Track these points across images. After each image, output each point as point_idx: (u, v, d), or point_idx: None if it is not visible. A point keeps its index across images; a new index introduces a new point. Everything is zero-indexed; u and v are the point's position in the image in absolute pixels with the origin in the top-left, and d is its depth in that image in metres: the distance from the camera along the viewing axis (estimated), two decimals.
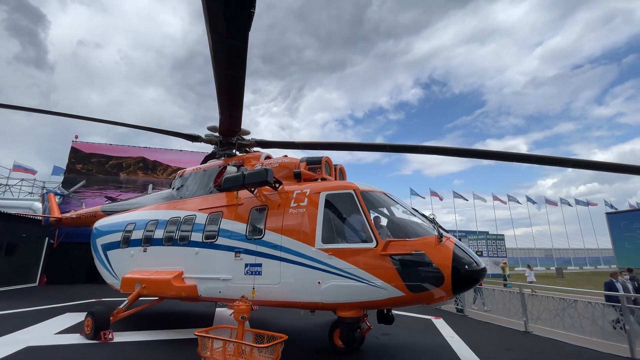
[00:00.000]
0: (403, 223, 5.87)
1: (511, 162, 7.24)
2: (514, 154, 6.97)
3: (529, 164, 7.29)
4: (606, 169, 6.27)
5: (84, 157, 20.87)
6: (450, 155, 8.39)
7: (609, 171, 6.42)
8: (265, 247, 6.51)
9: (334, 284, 5.59)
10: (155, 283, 7.77)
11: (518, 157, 7.00)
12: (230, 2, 3.53)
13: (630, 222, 35.75)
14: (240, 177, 6.90)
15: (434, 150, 7.91)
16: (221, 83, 5.73)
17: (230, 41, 4.38)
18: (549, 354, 6.49)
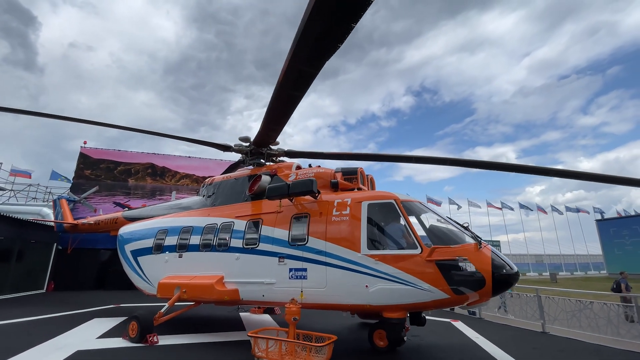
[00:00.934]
0: (443, 230, 6.36)
1: (500, 171, 7.82)
2: (503, 164, 7.61)
3: (516, 173, 7.87)
4: (589, 178, 6.91)
5: (93, 162, 20.92)
6: (455, 165, 8.93)
7: (592, 180, 7.03)
8: (310, 253, 6.93)
9: (382, 287, 6.05)
10: (197, 288, 8.07)
11: (507, 167, 7.60)
12: (322, 35, 4.00)
13: (619, 229, 37.30)
14: (285, 187, 7.34)
15: (455, 162, 8.58)
16: (278, 100, 6.17)
17: (307, 68, 4.85)
18: (570, 351, 7.03)
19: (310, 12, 3.52)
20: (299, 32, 3.93)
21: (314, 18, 3.63)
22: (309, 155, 10.12)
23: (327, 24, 3.76)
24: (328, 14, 3.57)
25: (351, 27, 3.81)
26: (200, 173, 22.96)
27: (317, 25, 3.77)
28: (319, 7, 3.47)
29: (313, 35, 3.99)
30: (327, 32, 3.91)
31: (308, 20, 3.67)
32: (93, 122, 9.43)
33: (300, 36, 4.00)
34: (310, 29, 3.85)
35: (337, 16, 3.63)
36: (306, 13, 3.58)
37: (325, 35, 3.99)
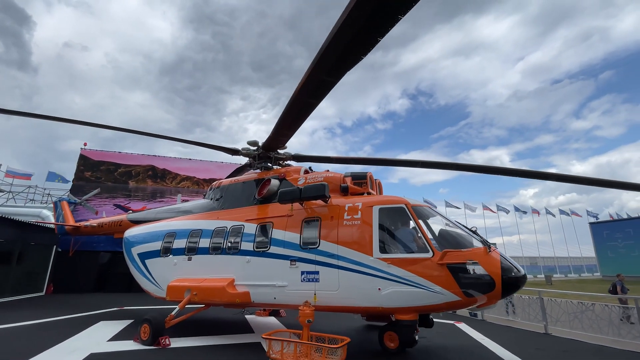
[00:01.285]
0: (453, 235, 6.54)
1: (494, 174, 8.07)
2: (497, 168, 7.86)
3: (510, 176, 8.10)
4: (581, 182, 7.20)
5: (93, 164, 20.82)
6: (456, 170, 9.16)
7: (584, 184, 7.31)
8: (322, 256, 7.06)
9: (395, 290, 6.21)
10: (208, 290, 8.15)
11: (501, 171, 7.84)
12: (348, 47, 4.15)
13: (612, 232, 37.99)
14: (297, 191, 7.48)
15: (457, 167, 8.80)
16: (294, 106, 6.31)
17: (327, 78, 5.01)
18: (573, 351, 7.25)
19: (341, 25, 3.68)
20: (326, 43, 4.08)
21: (344, 30, 3.78)
22: (316, 159, 10.22)
23: (356, 37, 3.92)
24: (358, 27, 3.73)
25: (377, 41, 3.97)
26: (201, 175, 22.97)
27: (345, 37, 3.93)
28: (351, 21, 3.63)
29: (340, 47, 4.14)
30: (354, 44, 4.07)
31: (337, 32, 3.82)
32: (96, 124, 9.33)
33: (327, 47, 4.15)
34: (338, 41, 4.00)
35: (366, 30, 3.79)
36: (336, 25, 3.74)
37: (352, 47, 4.15)
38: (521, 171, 7.98)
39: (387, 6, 3.43)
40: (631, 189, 6.78)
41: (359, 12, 3.49)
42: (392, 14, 3.54)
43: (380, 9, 3.43)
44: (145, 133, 9.76)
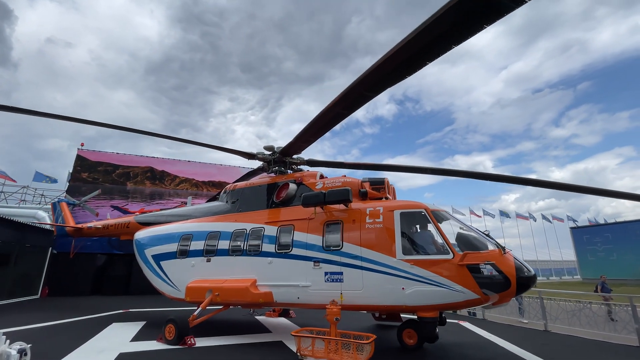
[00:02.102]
0: (470, 237, 7.02)
1: (478, 179, 8.72)
2: (482, 174, 8.53)
3: (493, 181, 8.79)
4: (560, 188, 7.93)
5: (90, 165, 20.48)
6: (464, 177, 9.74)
7: (563, 190, 8.03)
8: (345, 258, 7.43)
9: (418, 289, 6.63)
10: (230, 291, 8.36)
11: (485, 176, 8.48)
12: (396, 69, 4.57)
13: (592, 237, 39.87)
14: (321, 195, 7.83)
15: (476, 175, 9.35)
16: (326, 115, 6.67)
17: (367, 93, 5.41)
18: (575, 346, 7.86)
19: (397, 50, 4.09)
20: (377, 65, 4.48)
21: (398, 54, 4.20)
22: (329, 164, 10.62)
23: (406, 61, 4.34)
24: (411, 52, 4.16)
25: (425, 64, 4.41)
26: (200, 178, 22.93)
27: (396, 60, 4.35)
28: (405, 47, 4.05)
29: (389, 68, 4.55)
30: (402, 66, 4.50)
31: (391, 56, 4.24)
32: (105, 124, 9.34)
33: (376, 68, 4.56)
34: (388, 63, 4.42)
35: (419, 55, 4.23)
36: (392, 50, 4.15)
37: (399, 69, 4.57)
38: (504, 177, 8.63)
39: (442, 36, 3.87)
40: (606, 195, 7.51)
41: (417, 39, 3.92)
42: (443, 44, 3.98)
43: (437, 38, 3.87)
44: (156, 134, 9.77)
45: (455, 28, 3.82)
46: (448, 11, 3.54)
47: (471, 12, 3.62)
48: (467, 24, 3.80)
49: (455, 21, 3.70)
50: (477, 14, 3.65)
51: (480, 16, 3.71)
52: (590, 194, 7.77)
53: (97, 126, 9.29)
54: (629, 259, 34.58)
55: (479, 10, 3.60)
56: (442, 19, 3.64)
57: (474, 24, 3.80)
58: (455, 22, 3.72)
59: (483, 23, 3.78)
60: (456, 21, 3.71)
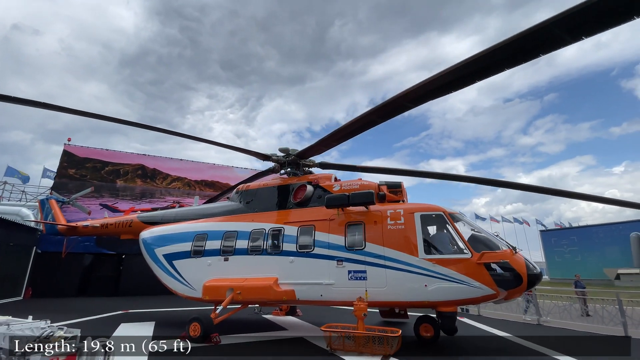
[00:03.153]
0: (484, 238, 7.64)
1: (451, 181, 9.68)
2: (454, 175, 9.46)
3: (466, 183, 9.79)
4: (528, 189, 9.10)
5: (78, 161, 19.65)
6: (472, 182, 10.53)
7: (531, 191, 9.19)
8: (369, 257, 7.85)
9: (440, 286, 7.16)
10: (253, 289, 8.53)
11: (457, 177, 9.39)
12: (448, 86, 5.05)
13: (559, 239, 42.73)
14: (345, 197, 8.21)
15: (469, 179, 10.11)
16: (359, 122, 7.06)
17: (409, 104, 5.84)
18: (569, 337, 8.71)
19: (451, 70, 4.57)
20: (429, 80, 4.94)
21: (450, 74, 4.69)
22: (341, 167, 10.98)
23: (454, 80, 4.84)
24: (459, 74, 4.67)
25: (475, 82, 4.91)
26: (193, 176, 22.54)
27: (447, 78, 4.83)
28: (460, 68, 4.54)
29: (438, 84, 5.03)
30: (451, 84, 4.99)
31: (442, 76, 4.71)
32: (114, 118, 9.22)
33: (427, 83, 5.01)
34: (439, 80, 4.89)
35: (466, 77, 4.74)
36: (443, 72, 4.63)
37: (447, 86, 5.06)
38: (478, 179, 9.68)
39: (494, 64, 4.41)
40: (571, 197, 8.65)
41: (473, 63, 4.42)
42: (491, 71, 4.51)
43: (491, 65, 4.39)
44: (162, 130, 9.66)
45: (510, 59, 4.36)
46: (511, 44, 4.08)
47: (529, 47, 4.17)
48: (521, 58, 4.37)
49: (512, 54, 4.25)
50: (530, 49, 4.22)
51: (530, 51, 4.27)
52: (555, 195, 8.99)
53: (89, 117, 8.95)
54: (592, 260, 37.39)
55: (532, 46, 4.16)
56: (503, 50, 4.17)
57: (526, 57, 4.38)
58: (512, 55, 4.28)
59: (532, 57, 4.36)
60: (513, 54, 4.26)
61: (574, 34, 3.90)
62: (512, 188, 9.99)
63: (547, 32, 3.90)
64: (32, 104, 7.84)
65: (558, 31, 3.81)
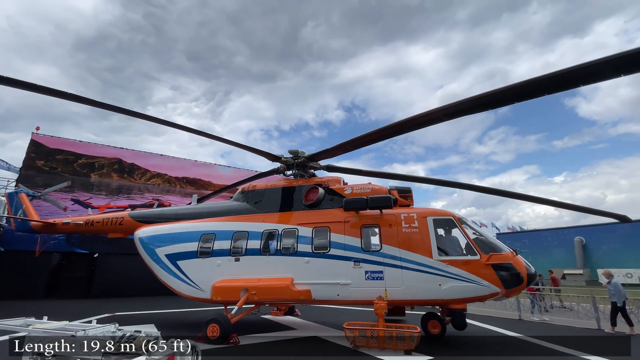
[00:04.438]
0: (489, 241, 8.38)
1: (414, 182, 10.77)
2: (416, 177, 10.56)
3: (428, 184, 11.02)
4: (484, 191, 10.60)
5: (48, 152, 18.01)
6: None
7: (487, 193, 10.59)
8: (385, 258, 8.28)
9: (452, 285, 7.77)
10: (269, 289, 8.59)
11: (419, 180, 10.49)
12: (487, 104, 5.61)
13: (512, 242, 46.47)
14: (364, 201, 8.58)
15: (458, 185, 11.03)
16: (386, 130, 7.50)
17: (444, 117, 6.34)
18: (550, 329, 9.78)
19: (495, 93, 5.15)
20: (472, 99, 5.48)
21: (491, 96, 5.28)
22: (348, 171, 11.34)
23: (494, 101, 5.45)
24: (500, 97, 5.27)
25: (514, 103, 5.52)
26: (173, 173, 21.59)
27: (488, 99, 5.43)
28: (504, 92, 5.14)
29: (478, 103, 5.60)
30: (487, 104, 5.57)
31: (484, 96, 5.28)
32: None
33: (468, 101, 5.55)
34: (482, 99, 5.45)
35: (504, 100, 5.38)
36: (491, 92, 5.19)
37: (484, 105, 5.63)
38: (438, 180, 11.18)
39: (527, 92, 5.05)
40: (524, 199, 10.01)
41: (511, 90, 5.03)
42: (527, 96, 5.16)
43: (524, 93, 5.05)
44: (169, 123, 9.32)
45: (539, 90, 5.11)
46: (545, 81, 4.80)
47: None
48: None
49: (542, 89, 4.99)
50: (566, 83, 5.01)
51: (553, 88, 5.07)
52: (511, 197, 10.50)
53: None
54: (542, 261, 41.14)
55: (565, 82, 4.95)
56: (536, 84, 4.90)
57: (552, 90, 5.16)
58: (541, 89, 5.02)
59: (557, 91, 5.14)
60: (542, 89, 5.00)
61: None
62: (474, 190, 11.20)
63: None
64: None
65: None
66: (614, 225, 40.47)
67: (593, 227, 42.02)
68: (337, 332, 9.29)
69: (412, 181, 12.77)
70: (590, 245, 41.48)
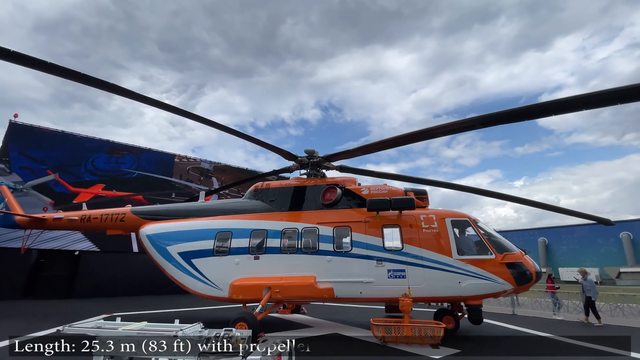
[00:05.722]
0: (501, 241, 8.97)
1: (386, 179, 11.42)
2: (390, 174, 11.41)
3: (399, 181, 11.65)
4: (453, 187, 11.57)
5: (28, 141, 16.62)
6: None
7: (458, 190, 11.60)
8: (407, 257, 8.64)
9: (471, 282, 8.27)
10: (293, 287, 8.65)
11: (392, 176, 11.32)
12: (514, 117, 6.10)
13: None
14: (387, 202, 8.87)
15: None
16: (417, 136, 7.83)
17: (480, 125, 6.76)
18: (543, 323, 10.63)
19: (532, 106, 5.65)
20: (510, 111, 5.95)
21: (528, 110, 5.81)
22: (357, 171, 11.58)
23: (528, 114, 5.97)
24: (534, 111, 5.81)
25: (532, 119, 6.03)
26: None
27: (523, 113, 5.95)
28: (541, 107, 5.66)
29: (512, 115, 6.08)
30: (522, 116, 6.07)
31: (521, 110, 5.82)
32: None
33: (506, 112, 6.02)
34: (520, 113, 5.97)
35: (537, 113, 5.89)
36: (526, 106, 5.69)
37: (519, 116, 6.13)
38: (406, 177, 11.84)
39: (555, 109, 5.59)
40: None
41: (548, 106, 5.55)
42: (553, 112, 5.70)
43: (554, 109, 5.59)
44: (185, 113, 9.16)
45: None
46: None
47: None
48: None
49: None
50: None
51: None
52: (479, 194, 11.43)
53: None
54: None
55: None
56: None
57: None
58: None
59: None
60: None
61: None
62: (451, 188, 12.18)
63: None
64: None
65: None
66: (573, 227, 44.06)
67: (555, 229, 45.48)
68: (354, 328, 9.55)
69: (416, 183, 13.24)
70: (552, 246, 44.85)
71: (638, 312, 10.86)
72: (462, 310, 9.56)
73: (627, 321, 10.51)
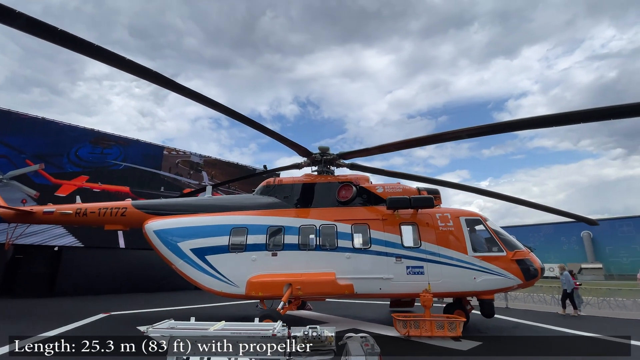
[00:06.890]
0: (509, 239, 9.49)
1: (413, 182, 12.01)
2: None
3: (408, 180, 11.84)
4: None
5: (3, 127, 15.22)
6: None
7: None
8: (425, 254, 8.94)
9: (485, 278, 8.71)
10: (314, 284, 8.67)
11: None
12: (528, 125, 6.49)
13: None
14: (407, 200, 9.09)
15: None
16: (439, 137, 8.12)
17: (511, 130, 7.11)
18: (534, 315, 11.39)
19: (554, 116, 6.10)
20: (538, 118, 6.34)
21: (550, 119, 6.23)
22: (369, 170, 11.73)
23: (547, 123, 6.42)
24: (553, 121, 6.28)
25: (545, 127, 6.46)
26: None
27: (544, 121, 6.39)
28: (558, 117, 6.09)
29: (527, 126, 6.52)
30: (541, 124, 6.49)
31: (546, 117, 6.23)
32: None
33: (526, 120, 6.43)
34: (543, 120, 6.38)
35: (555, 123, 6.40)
36: (548, 115, 6.08)
37: (539, 124, 6.54)
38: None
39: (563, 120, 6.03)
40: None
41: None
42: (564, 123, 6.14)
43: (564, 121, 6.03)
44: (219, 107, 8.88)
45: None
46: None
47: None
48: None
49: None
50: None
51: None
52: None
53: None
54: None
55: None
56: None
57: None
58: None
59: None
60: None
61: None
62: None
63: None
64: None
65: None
66: (540, 226, 47.13)
67: (523, 227, 48.42)
68: (369, 324, 9.75)
69: (427, 183, 13.56)
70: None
71: (623, 305, 11.95)
72: (469, 305, 10.05)
73: (612, 312, 11.59)
